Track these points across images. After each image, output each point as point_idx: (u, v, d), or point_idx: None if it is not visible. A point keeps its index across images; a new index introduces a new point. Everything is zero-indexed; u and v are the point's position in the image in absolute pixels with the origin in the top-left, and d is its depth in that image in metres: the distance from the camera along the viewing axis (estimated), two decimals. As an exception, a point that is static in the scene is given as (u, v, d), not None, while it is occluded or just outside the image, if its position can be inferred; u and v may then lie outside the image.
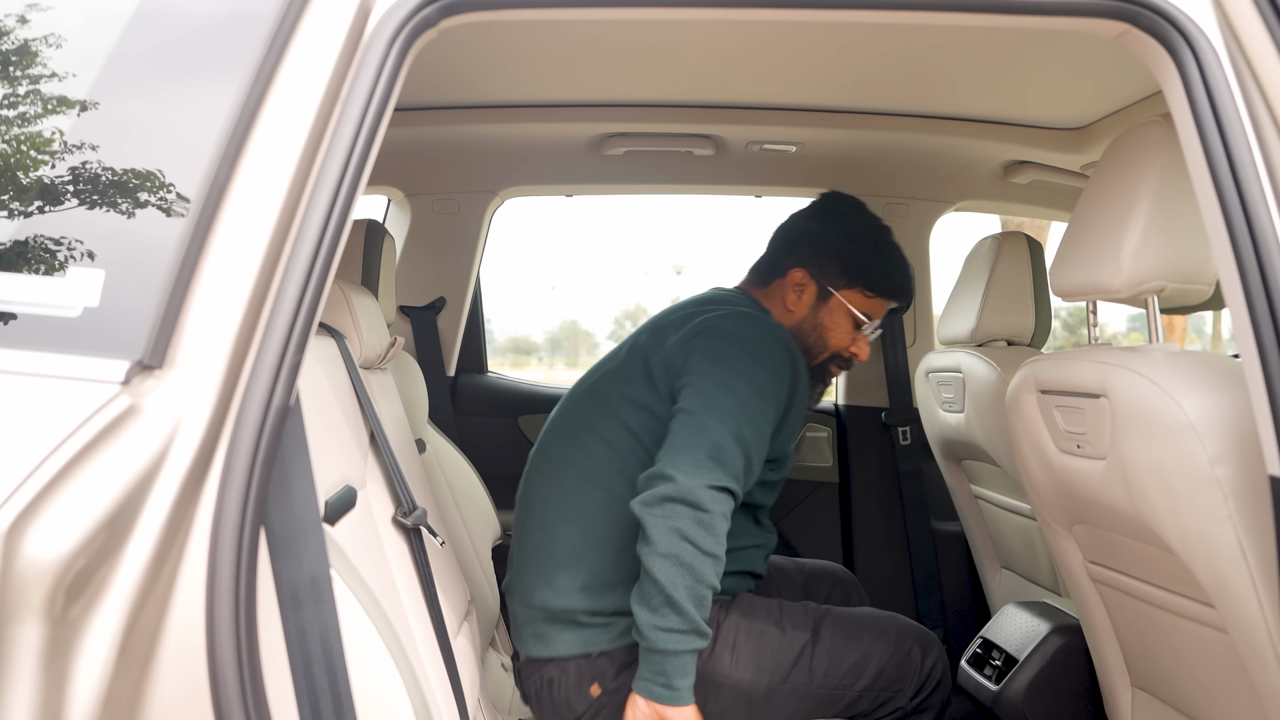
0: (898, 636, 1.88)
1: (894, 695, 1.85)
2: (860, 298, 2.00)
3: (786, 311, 2.01)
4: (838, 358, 2.03)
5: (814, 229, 2.04)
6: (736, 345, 1.78)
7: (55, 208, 1.10)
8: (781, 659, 1.81)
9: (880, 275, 2.01)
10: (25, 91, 1.15)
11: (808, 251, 2.01)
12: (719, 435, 1.65)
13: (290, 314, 1.10)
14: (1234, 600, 1.34)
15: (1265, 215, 1.15)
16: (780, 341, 1.82)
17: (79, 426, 0.99)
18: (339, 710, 1.15)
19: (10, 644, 0.91)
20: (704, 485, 1.59)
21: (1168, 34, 1.23)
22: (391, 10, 1.21)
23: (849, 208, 2.09)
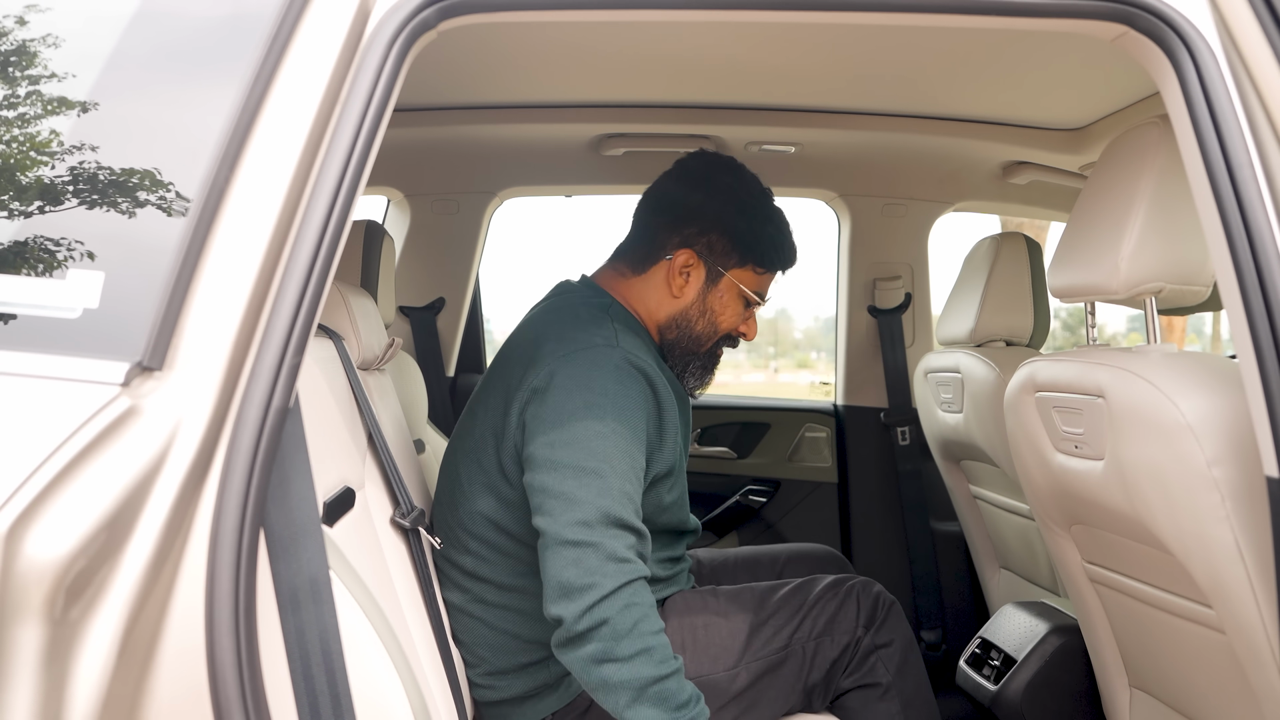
0: (834, 583, 1.83)
1: (846, 633, 1.79)
2: (752, 275, 1.85)
3: (671, 298, 1.83)
4: (727, 339, 1.90)
5: (696, 202, 1.83)
6: (572, 409, 1.60)
7: (55, 209, 1.10)
8: (731, 644, 1.77)
9: (772, 249, 1.85)
10: (25, 92, 1.15)
11: (692, 229, 1.82)
12: (581, 538, 1.51)
13: (290, 315, 1.11)
14: (1231, 601, 1.34)
15: (1262, 217, 1.16)
16: (623, 373, 1.64)
17: (79, 428, 0.99)
18: (338, 711, 1.16)
19: (10, 645, 0.92)
20: (586, 608, 1.48)
21: (1165, 36, 1.23)
22: (391, 12, 1.21)
23: (730, 174, 1.87)
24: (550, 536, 1.53)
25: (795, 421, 3.10)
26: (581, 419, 1.58)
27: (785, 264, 1.90)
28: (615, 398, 1.61)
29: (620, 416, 1.60)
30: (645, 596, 1.52)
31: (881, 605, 1.83)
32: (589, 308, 1.80)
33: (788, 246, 1.88)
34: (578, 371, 1.64)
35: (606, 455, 1.56)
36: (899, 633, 1.83)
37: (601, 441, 1.57)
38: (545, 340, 1.71)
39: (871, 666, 1.81)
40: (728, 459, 3.06)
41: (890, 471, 3.02)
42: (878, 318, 3.02)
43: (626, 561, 1.51)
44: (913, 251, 3.02)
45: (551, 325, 1.75)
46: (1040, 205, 2.89)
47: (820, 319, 19.91)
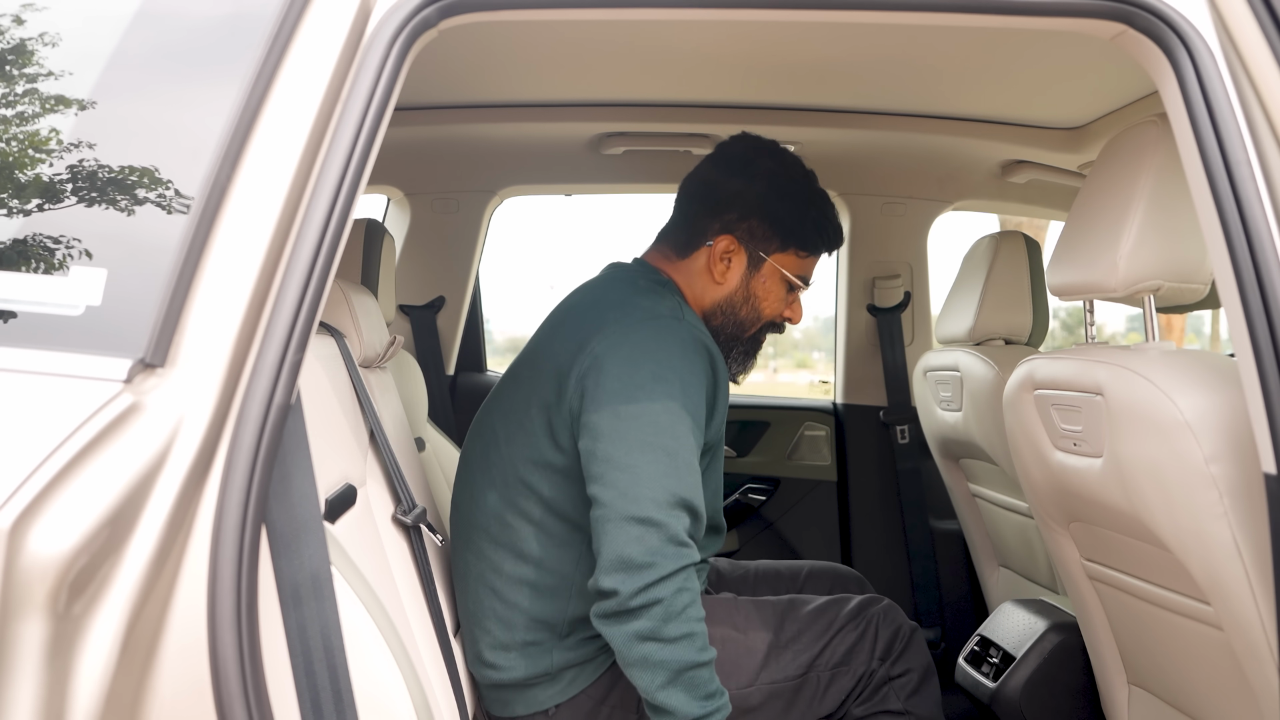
0: (859, 609, 1.83)
1: (863, 664, 1.78)
2: (794, 260, 1.83)
3: (714, 284, 1.82)
4: (772, 325, 1.88)
5: (736, 187, 1.80)
6: (639, 380, 1.59)
7: (57, 207, 1.11)
8: (747, 663, 1.76)
9: (815, 233, 1.83)
10: (26, 91, 1.15)
11: (733, 214, 1.80)
12: (648, 515, 1.51)
13: (291, 313, 1.11)
14: (1229, 597, 1.35)
15: (1260, 215, 1.16)
16: (688, 348, 1.65)
17: (82, 424, 0.99)
18: (339, 706, 1.16)
19: (14, 640, 0.92)
20: (643, 586, 1.49)
21: (1163, 35, 1.24)
22: (391, 11, 1.21)
23: (772, 159, 1.84)
24: (613, 509, 1.52)
25: (795, 420, 3.10)
26: (649, 391, 1.57)
27: (829, 246, 1.87)
28: (682, 373, 1.61)
29: (686, 393, 1.59)
30: (695, 583, 1.54)
31: (900, 636, 1.82)
32: (649, 281, 1.79)
33: (831, 228, 1.85)
34: (645, 340, 1.63)
35: (675, 432, 1.56)
36: (917, 662, 1.82)
37: (670, 418, 1.56)
38: (608, 307, 1.71)
39: (884, 696, 1.80)
40: (727, 457, 3.07)
41: (889, 470, 3.03)
42: (877, 316, 3.03)
43: (685, 545, 1.53)
44: (912, 250, 3.03)
45: (613, 293, 1.76)
46: (1039, 204, 2.90)
47: (820, 319, 19.83)
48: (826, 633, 1.80)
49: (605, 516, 1.53)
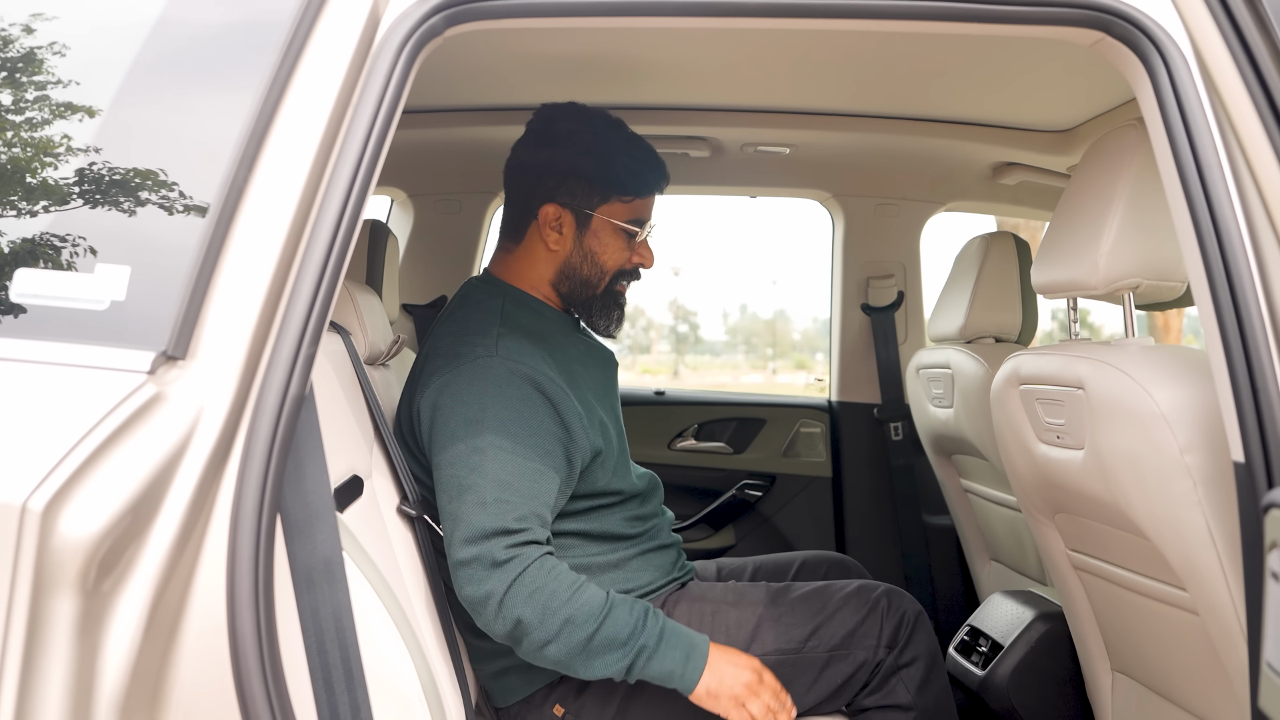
0: (859, 591, 1.85)
1: (865, 650, 1.80)
2: (621, 207, 1.87)
3: (550, 253, 1.88)
4: (621, 274, 1.92)
5: (545, 158, 1.87)
6: (453, 428, 1.68)
7: (82, 207, 1.16)
8: (736, 632, 1.80)
9: (631, 176, 1.86)
10: (48, 98, 1.21)
11: (549, 183, 1.86)
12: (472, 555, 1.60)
13: (305, 308, 1.16)
14: (1204, 583, 1.40)
15: (1230, 217, 1.21)
16: (502, 383, 1.70)
17: (109, 413, 1.05)
18: (350, 684, 1.21)
19: (47, 615, 0.98)
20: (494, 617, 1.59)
21: (1139, 42, 1.29)
22: (400, 19, 1.26)
23: (570, 120, 1.91)
24: (449, 560, 1.63)
25: (790, 417, 3.16)
26: (461, 436, 1.67)
27: (651, 185, 1.91)
28: (495, 408, 1.68)
29: (500, 424, 1.67)
30: (541, 577, 1.60)
31: (906, 622, 1.83)
32: (480, 312, 1.85)
33: (648, 168, 1.89)
34: (460, 386, 1.71)
35: (480, 467, 1.64)
36: (924, 648, 1.83)
37: (478, 456, 1.65)
38: (436, 356, 1.80)
39: (893, 688, 1.81)
40: (724, 454, 3.12)
41: (883, 466, 3.08)
42: (871, 315, 3.08)
43: (506, 562, 1.59)
44: (905, 250, 3.08)
45: (443, 338, 1.83)
46: (1029, 205, 2.95)
47: (819, 320, 19.91)
48: (822, 611, 1.82)
49: (450, 567, 1.64)
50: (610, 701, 1.76)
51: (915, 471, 3.03)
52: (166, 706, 1.08)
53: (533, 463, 1.66)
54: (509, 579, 1.58)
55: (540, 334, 1.84)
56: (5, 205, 1.16)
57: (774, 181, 3.00)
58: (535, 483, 1.66)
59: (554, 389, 1.73)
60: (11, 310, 1.11)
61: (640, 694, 1.75)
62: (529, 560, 1.60)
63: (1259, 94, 1.19)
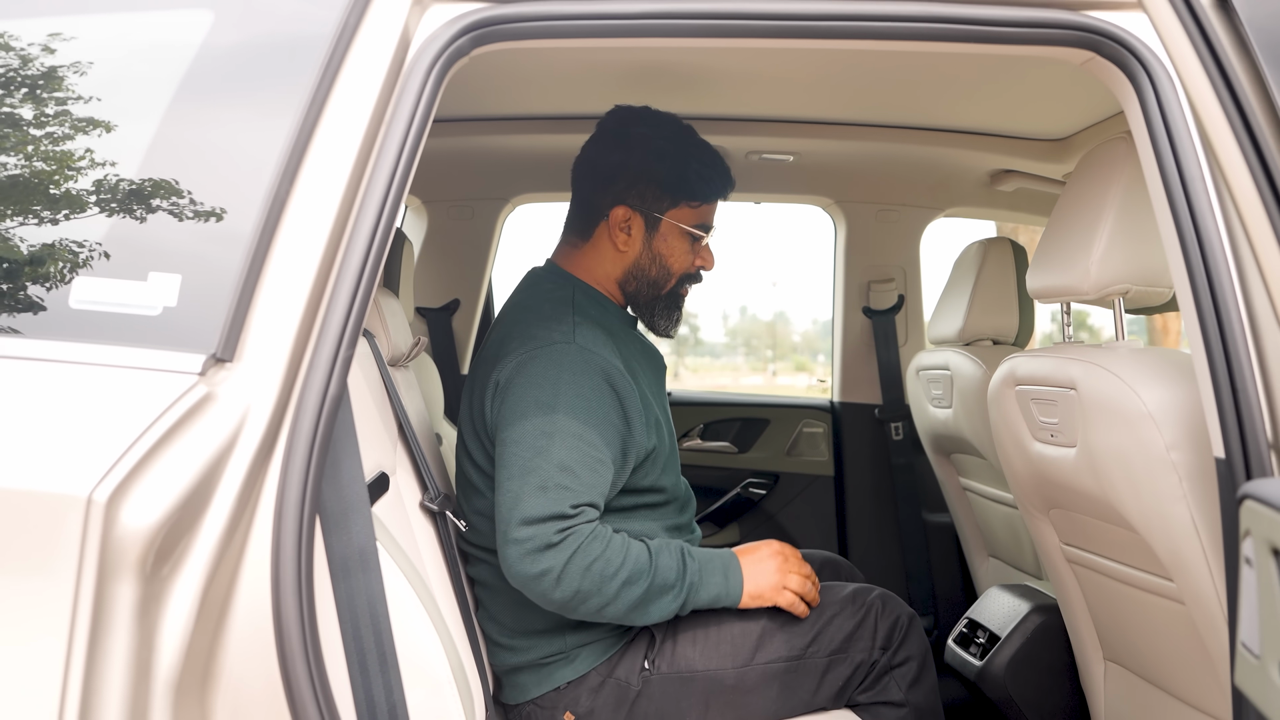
0: (854, 596, 1.90)
1: (861, 652, 1.87)
2: (689, 212, 1.94)
3: (618, 253, 1.94)
4: (686, 278, 1.99)
5: (618, 159, 1.93)
6: (524, 409, 1.74)
7: (135, 219, 1.24)
8: (742, 641, 1.85)
9: (700, 182, 1.93)
10: (99, 119, 1.29)
11: (620, 185, 1.91)
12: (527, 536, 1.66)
13: (343, 313, 1.24)
14: (1189, 573, 1.48)
15: (1212, 226, 1.29)
16: (577, 371, 1.77)
17: (164, 412, 1.13)
18: (384, 667, 1.29)
19: (110, 598, 1.05)
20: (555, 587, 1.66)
21: (1127, 61, 1.37)
22: (429, 40, 1.34)
23: (644, 125, 1.97)
24: (501, 533, 1.69)
25: (793, 417, 3.23)
26: (530, 416, 1.73)
27: (719, 192, 1.97)
28: (567, 394, 1.74)
29: (571, 412, 1.72)
30: (595, 549, 1.67)
31: (899, 626, 1.89)
32: (552, 302, 1.90)
33: (716, 175, 1.95)
34: (537, 369, 1.77)
35: (546, 450, 1.70)
36: (916, 649, 1.90)
37: (545, 440, 1.71)
38: (511, 339, 1.85)
39: (885, 685, 1.89)
40: (729, 453, 3.20)
41: (884, 465, 3.16)
42: (872, 318, 3.16)
43: (560, 543, 1.66)
44: (905, 255, 3.16)
45: (517, 323, 1.89)
46: (1026, 211, 3.03)
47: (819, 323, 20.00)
48: (821, 616, 1.88)
49: (500, 540, 1.71)
50: (621, 708, 1.82)
51: (915, 470, 3.10)
52: (216, 685, 1.16)
53: (596, 452, 1.72)
54: (565, 557, 1.65)
55: (608, 328, 1.90)
56: (62, 217, 1.23)
57: (778, 188, 3.08)
58: (595, 471, 1.72)
59: (623, 383, 1.80)
60: (72, 316, 1.19)
61: (650, 693, 1.81)
62: (582, 538, 1.67)
63: (1234, 113, 1.27)
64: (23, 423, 1.12)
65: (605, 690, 1.83)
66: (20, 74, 1.29)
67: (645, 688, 1.81)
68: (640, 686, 1.82)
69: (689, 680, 1.82)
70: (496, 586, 1.87)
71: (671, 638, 1.82)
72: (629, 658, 1.82)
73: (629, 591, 1.69)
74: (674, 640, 1.83)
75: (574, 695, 1.84)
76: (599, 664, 1.84)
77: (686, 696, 1.82)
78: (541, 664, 1.85)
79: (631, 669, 1.83)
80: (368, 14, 1.33)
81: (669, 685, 1.81)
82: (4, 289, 1.21)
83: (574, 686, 1.84)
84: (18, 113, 1.28)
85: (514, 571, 1.68)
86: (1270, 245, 1.12)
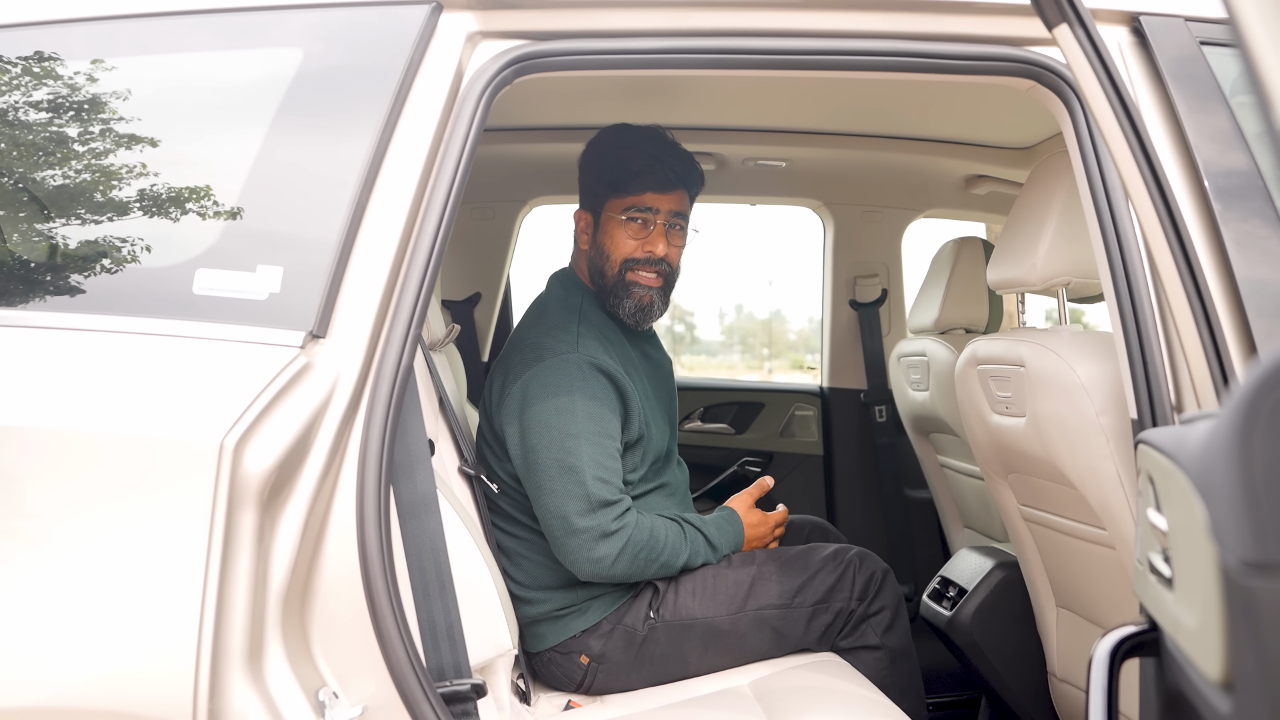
0: (835, 554, 2.16)
1: (842, 602, 2.13)
2: (618, 201, 2.16)
3: (582, 252, 2.25)
4: (630, 263, 2.17)
5: (580, 172, 2.27)
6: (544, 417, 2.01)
7: (245, 221, 1.51)
8: (735, 592, 2.08)
9: (628, 176, 2.14)
10: (218, 139, 1.55)
11: (581, 193, 2.27)
12: (586, 526, 1.96)
13: (413, 298, 1.50)
14: (1116, 519, 1.75)
15: (1129, 228, 1.55)
16: (585, 374, 2.03)
17: (274, 377, 1.38)
18: (443, 594, 1.55)
19: (237, 525, 1.31)
20: (608, 572, 1.99)
21: (1062, 89, 1.63)
22: (479, 72, 1.60)
23: (598, 136, 2.27)
24: (557, 527, 1.99)
25: (786, 401, 3.49)
26: (554, 423, 1.99)
27: (640, 176, 2.15)
28: (582, 398, 2.01)
29: (589, 412, 2.00)
30: (641, 538, 1.99)
31: (875, 579, 2.15)
32: (561, 310, 2.19)
33: (647, 170, 2.14)
34: (550, 379, 2.04)
35: (577, 451, 1.98)
36: (889, 600, 2.18)
37: (573, 441, 1.98)
38: (524, 345, 2.15)
39: (863, 632, 2.16)
40: (726, 434, 3.46)
41: (869, 445, 3.40)
42: (858, 310, 3.40)
43: (615, 533, 1.97)
44: (888, 252, 3.41)
45: (528, 332, 2.19)
46: (999, 212, 3.29)
47: (814, 321, 20.06)
48: (805, 570, 2.14)
49: (554, 532, 2.00)
50: (630, 650, 2.08)
51: (897, 450, 3.34)
52: (313, 599, 1.42)
53: (614, 443, 2.02)
54: (618, 547, 1.96)
55: (608, 336, 2.19)
56: (187, 219, 1.50)
57: (771, 191, 3.34)
58: (617, 458, 2.02)
59: (622, 378, 2.09)
60: (195, 300, 1.45)
61: (655, 638, 2.06)
62: (631, 529, 1.97)
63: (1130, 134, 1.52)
64: (164, 385, 1.38)
65: (615, 636, 2.08)
66: (152, 100, 1.55)
67: (651, 633, 2.07)
68: (646, 633, 2.07)
69: (689, 626, 2.07)
70: (515, 549, 2.13)
71: (673, 589, 2.08)
72: (635, 607, 2.08)
73: (663, 569, 2.04)
74: (675, 591, 2.08)
75: (587, 641, 2.08)
76: (609, 613, 2.09)
77: (688, 640, 2.07)
78: (557, 615, 2.10)
79: (638, 617, 2.08)
80: (429, 50, 1.58)
81: (672, 631, 2.06)
82: (141, 279, 1.47)
83: (587, 634, 2.09)
84: (147, 135, 1.54)
85: (576, 558, 1.97)
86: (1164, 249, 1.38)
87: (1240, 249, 1.46)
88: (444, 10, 1.59)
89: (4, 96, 1.58)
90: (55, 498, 1.32)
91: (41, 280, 1.50)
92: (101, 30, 1.58)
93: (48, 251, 1.51)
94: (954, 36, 1.63)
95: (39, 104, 1.58)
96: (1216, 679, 0.78)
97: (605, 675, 2.08)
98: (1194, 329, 1.36)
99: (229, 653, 1.29)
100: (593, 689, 2.10)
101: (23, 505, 1.33)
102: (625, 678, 2.08)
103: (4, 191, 1.56)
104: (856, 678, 2.04)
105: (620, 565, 1.98)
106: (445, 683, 1.51)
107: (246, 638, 1.30)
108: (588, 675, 2.09)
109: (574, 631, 2.10)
